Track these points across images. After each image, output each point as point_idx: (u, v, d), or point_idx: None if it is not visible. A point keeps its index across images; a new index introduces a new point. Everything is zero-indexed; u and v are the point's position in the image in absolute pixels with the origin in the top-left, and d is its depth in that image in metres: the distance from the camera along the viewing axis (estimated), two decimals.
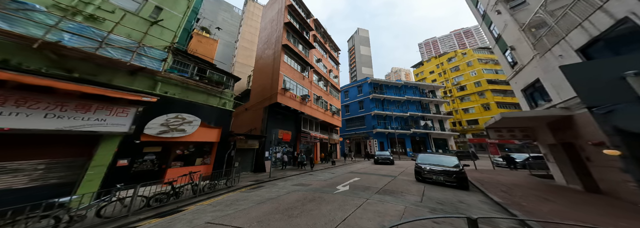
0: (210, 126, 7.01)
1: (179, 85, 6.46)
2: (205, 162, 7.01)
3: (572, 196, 5.03)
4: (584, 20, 4.45)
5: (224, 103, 7.75)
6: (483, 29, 10.33)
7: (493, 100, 26.47)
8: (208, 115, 6.98)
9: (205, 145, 7.13)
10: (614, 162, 4.39)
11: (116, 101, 4.79)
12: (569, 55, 5.20)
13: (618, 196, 4.62)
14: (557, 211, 3.78)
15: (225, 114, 7.66)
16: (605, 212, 3.77)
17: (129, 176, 5.09)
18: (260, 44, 16.05)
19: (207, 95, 7.23)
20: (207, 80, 7.29)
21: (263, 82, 12.58)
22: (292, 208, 3.76)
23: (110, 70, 5.02)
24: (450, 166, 6.62)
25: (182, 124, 6.15)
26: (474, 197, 5.01)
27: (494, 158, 13.20)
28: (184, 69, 7.08)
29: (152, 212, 3.82)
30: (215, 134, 7.19)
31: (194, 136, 6.42)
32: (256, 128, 11.23)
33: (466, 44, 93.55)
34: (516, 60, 7.79)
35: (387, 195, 4.79)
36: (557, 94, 5.90)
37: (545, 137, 6.82)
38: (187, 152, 6.70)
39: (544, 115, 5.82)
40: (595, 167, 5.10)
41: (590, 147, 4.98)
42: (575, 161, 5.83)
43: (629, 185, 4.25)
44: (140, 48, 5.16)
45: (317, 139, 14.93)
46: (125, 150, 5.00)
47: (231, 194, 5.22)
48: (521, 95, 8.17)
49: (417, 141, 23.59)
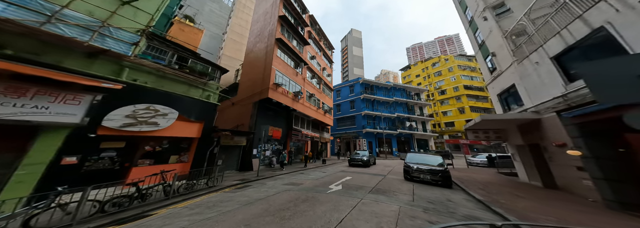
0: (190, 120, 6.31)
1: (153, 74, 5.62)
2: (182, 159, 6.27)
3: (536, 192, 5.53)
4: (563, 28, 4.75)
5: (207, 95, 6.98)
6: (469, 35, 10.87)
7: (467, 105, 28.98)
8: (188, 108, 6.25)
9: (183, 141, 6.37)
10: (573, 162, 4.87)
11: (65, 86, 3.89)
12: (544, 63, 5.58)
13: (572, 191, 5.18)
14: (532, 207, 4.07)
15: (209, 107, 6.93)
16: (568, 206, 4.17)
17: (78, 176, 4.21)
18: (251, 37, 15.10)
19: (188, 86, 6.45)
20: (188, 70, 6.49)
21: (253, 76, 11.81)
22: (284, 210, 3.48)
23: (61, 49, 4.09)
24: (435, 165, 6.88)
25: (154, 117, 5.34)
26: (458, 195, 5.22)
27: (468, 158, 14.42)
28: (161, 56, 6.20)
29: (107, 218, 3.16)
30: (195, 129, 6.48)
31: (169, 131, 5.68)
32: (244, 124, 10.52)
33: (447, 50, 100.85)
34: (496, 66, 8.30)
35: (380, 194, 4.74)
36: (530, 98, 6.38)
37: (515, 138, 7.44)
38: (160, 148, 5.89)
39: (518, 118, 6.27)
40: (556, 166, 5.66)
41: (553, 147, 5.48)
42: (538, 160, 6.44)
43: (583, 182, 4.74)
44: (105, 28, 4.43)
45: (308, 137, 14.64)
46: (75, 145, 4.11)
47: (213, 195, 4.72)
48: (496, 100, 8.81)
49: (402, 141, 24.74)
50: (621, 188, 3.97)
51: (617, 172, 4.05)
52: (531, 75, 6.18)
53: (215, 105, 7.13)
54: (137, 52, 5.27)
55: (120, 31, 4.71)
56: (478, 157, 14.68)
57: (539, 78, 5.86)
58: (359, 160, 10.92)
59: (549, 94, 5.39)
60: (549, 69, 5.43)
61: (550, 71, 5.39)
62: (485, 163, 13.36)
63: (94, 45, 4.18)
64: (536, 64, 5.88)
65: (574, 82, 4.70)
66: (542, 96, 5.71)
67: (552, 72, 5.32)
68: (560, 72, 5.09)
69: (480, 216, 3.53)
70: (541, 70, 5.73)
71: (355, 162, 10.97)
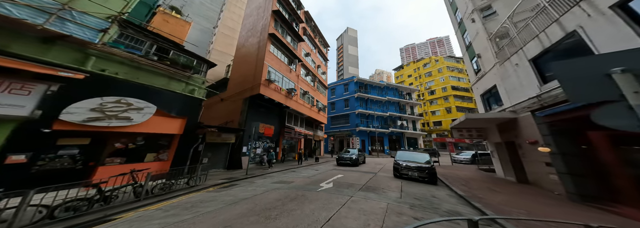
0: (171, 115, 5.98)
1: (126, 64, 5.21)
2: (161, 157, 5.90)
3: (510, 187, 5.91)
4: (541, 31, 4.99)
5: (192, 90, 6.62)
6: (457, 37, 11.19)
7: (454, 105, 30.29)
8: (168, 102, 5.92)
9: (162, 138, 5.99)
10: (543, 158, 5.24)
11: (10, 73, 3.45)
12: (523, 65, 5.87)
13: (541, 186, 5.59)
14: (506, 201, 4.34)
15: (194, 102, 6.59)
16: (537, 199, 4.50)
17: (29, 177, 3.79)
18: (243, 32, 14.59)
19: (168, 79, 6.08)
20: (169, 62, 6.09)
21: (244, 72, 11.43)
22: (270, 209, 3.38)
23: (8, 32, 3.65)
24: (422, 162, 7.11)
25: (127, 111, 4.92)
26: (443, 191, 5.45)
27: (453, 156, 15.14)
28: (137, 46, 5.74)
29: (57, 225, 2.78)
30: (177, 125, 6.12)
31: (145, 126, 5.30)
32: (233, 121, 10.19)
33: (438, 52, 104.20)
34: (480, 67, 8.64)
35: (370, 192, 4.80)
36: (508, 99, 6.73)
37: (494, 136, 7.87)
38: (133, 145, 5.48)
39: (498, 117, 6.61)
40: (528, 162, 6.07)
41: (527, 145, 5.85)
42: (513, 157, 6.87)
43: (550, 177, 5.12)
44: (65, 11, 3.99)
45: (302, 135, 14.52)
46: (25, 141, 3.69)
47: (194, 195, 4.47)
48: (480, 100, 9.23)
49: (393, 140, 25.42)
50: (582, 181, 4.34)
51: (579, 167, 4.41)
52: (511, 76, 6.49)
53: (200, 100, 6.79)
54: (107, 40, 4.85)
55: (85, 16, 4.29)
56: (462, 155, 15.45)
57: (517, 79, 6.17)
58: (348, 159, 10.10)
59: (526, 95, 5.70)
60: (527, 70, 5.72)
61: (527, 73, 5.69)
62: (468, 161, 14.12)
63: (50, 30, 3.77)
64: (516, 65, 6.18)
65: (548, 83, 4.99)
66: (519, 96, 6.04)
67: (529, 73, 5.62)
68: (536, 74, 5.38)
69: (462, 211, 3.71)
70: (520, 72, 6.03)
71: (344, 161, 10.16)
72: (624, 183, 3.70)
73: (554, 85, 4.65)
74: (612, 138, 3.91)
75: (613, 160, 3.88)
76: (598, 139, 4.10)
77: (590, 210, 3.77)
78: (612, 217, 3.42)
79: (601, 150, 4.06)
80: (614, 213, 3.57)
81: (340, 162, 10.33)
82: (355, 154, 10.58)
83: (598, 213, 3.59)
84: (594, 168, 4.18)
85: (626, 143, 3.84)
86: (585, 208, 3.87)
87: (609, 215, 3.52)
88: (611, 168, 3.90)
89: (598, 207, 3.85)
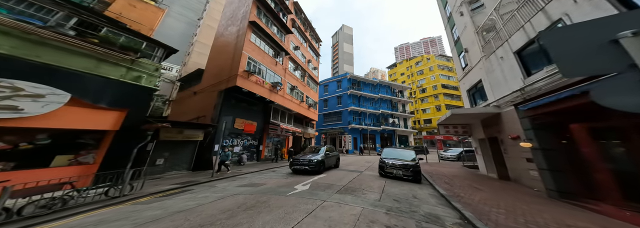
0: (100, 107, 4.83)
1: (17, 36, 4.00)
2: (82, 161, 4.62)
3: (492, 183, 5.79)
4: (526, 21, 4.75)
5: (137, 77, 5.57)
6: (446, 32, 10.99)
7: (444, 103, 30.86)
8: (95, 91, 4.79)
9: (86, 135, 4.79)
10: (524, 154, 5.10)
11: None
12: (508, 57, 5.66)
13: (521, 182, 5.49)
14: (485, 199, 4.12)
15: (139, 92, 5.56)
16: (517, 196, 4.32)
17: None
18: (223, 21, 13.59)
19: (97, 61, 4.93)
20: (98, 41, 4.91)
21: (220, 63, 10.56)
22: (208, 225, 2.64)
23: None
24: (408, 160, 6.84)
25: (12, 98, 3.69)
26: (425, 190, 5.19)
27: (440, 153, 15.28)
28: (44, 16, 4.54)
29: None
30: (110, 119, 5.01)
31: (50, 119, 4.10)
32: (206, 116, 9.36)
33: (430, 51, 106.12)
34: (467, 62, 8.47)
35: (348, 194, 4.38)
36: (493, 93, 6.57)
37: (478, 132, 7.78)
38: (29, 145, 4.16)
39: (482, 112, 6.44)
40: (509, 158, 5.96)
41: (508, 140, 5.72)
42: (496, 153, 6.79)
43: (530, 173, 5.00)
44: None
45: (290, 132, 13.82)
46: None
47: (105, 211, 3.42)
48: (466, 96, 9.12)
49: (385, 137, 25.48)
50: (561, 177, 4.20)
51: (559, 163, 4.27)
52: (495, 70, 6.31)
53: (151, 90, 5.73)
54: None
55: None
56: (449, 152, 15.64)
57: (502, 73, 5.99)
58: (306, 164, 6.66)
59: (510, 89, 5.52)
60: (511, 63, 5.52)
61: (512, 66, 5.49)
62: (455, 158, 14.30)
63: None
64: (501, 59, 5.98)
65: (532, 76, 4.79)
66: (503, 91, 5.87)
67: (513, 66, 5.42)
68: (520, 66, 5.19)
69: (440, 213, 3.42)
70: (504, 66, 5.84)
71: (300, 165, 6.72)
72: (603, 178, 3.56)
73: (538, 78, 4.45)
74: (592, 132, 3.76)
75: (592, 154, 3.74)
76: (578, 133, 3.94)
77: (569, 207, 3.61)
78: (590, 215, 3.26)
79: (581, 144, 3.90)
80: (593, 210, 3.42)
81: (296, 168, 6.85)
82: (321, 155, 7.10)
83: (576, 210, 3.43)
84: (574, 163, 4.04)
85: (605, 138, 3.70)
86: (563, 205, 3.72)
87: (587, 212, 3.37)
88: (591, 164, 3.75)
89: (576, 204, 3.71)
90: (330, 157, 7.83)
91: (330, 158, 7.84)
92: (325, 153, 7.49)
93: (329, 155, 7.70)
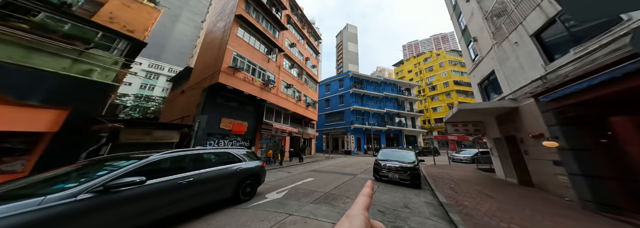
0: (30, 104, 3.99)
1: None
2: (5, 169, 3.78)
3: (509, 190, 4.92)
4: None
5: (87, 70, 4.75)
6: (453, 22, 10.08)
7: (457, 100, 28.74)
8: (24, 84, 3.99)
9: (12, 138, 3.89)
10: (549, 155, 4.22)
11: None
12: (523, 42, 4.84)
13: (547, 189, 4.57)
14: (496, 210, 3.39)
15: (89, 87, 4.70)
16: (538, 208, 3.52)
17: None
18: (213, 17, 13.50)
19: (25, 49, 4.09)
20: (30, 27, 4.11)
21: (207, 59, 10.30)
22: None
23: None
24: (407, 162, 6.11)
25: None
26: (422, 197, 4.52)
27: (451, 154, 13.98)
28: None
29: None
30: (47, 119, 4.12)
31: None
32: (189, 116, 9.00)
33: (442, 48, 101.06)
34: (477, 52, 7.57)
35: (325, 204, 3.71)
36: (508, 85, 5.69)
37: (493, 131, 6.82)
38: None
39: (495, 107, 5.59)
40: (531, 160, 5.04)
41: (529, 139, 4.83)
42: (514, 154, 5.83)
43: (558, 178, 4.11)
44: None
45: (286, 132, 13.31)
46: None
47: None
48: (477, 89, 8.14)
49: (391, 137, 24.22)
50: (600, 185, 3.33)
51: (597, 167, 3.40)
52: (510, 58, 5.44)
53: (105, 86, 4.90)
54: None
55: None
56: (462, 153, 14.29)
57: (517, 61, 5.13)
58: None
59: (527, 78, 4.67)
60: (528, 49, 4.69)
61: (529, 52, 4.65)
62: (469, 160, 12.96)
63: None
64: (515, 44, 5.13)
65: (555, 61, 3.96)
66: (520, 81, 5.01)
67: (531, 52, 4.58)
68: (540, 51, 4.35)
69: None
70: (520, 52, 4.99)
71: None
72: None
73: (563, 62, 3.63)
74: None
75: None
76: (624, 128, 3.07)
77: (610, 223, 2.78)
78: None
79: (628, 142, 3.04)
80: None
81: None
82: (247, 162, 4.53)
83: None
84: (618, 167, 3.16)
85: None
86: (603, 221, 2.88)
87: None
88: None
89: (621, 219, 2.86)
90: None
91: None
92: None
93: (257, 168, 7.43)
